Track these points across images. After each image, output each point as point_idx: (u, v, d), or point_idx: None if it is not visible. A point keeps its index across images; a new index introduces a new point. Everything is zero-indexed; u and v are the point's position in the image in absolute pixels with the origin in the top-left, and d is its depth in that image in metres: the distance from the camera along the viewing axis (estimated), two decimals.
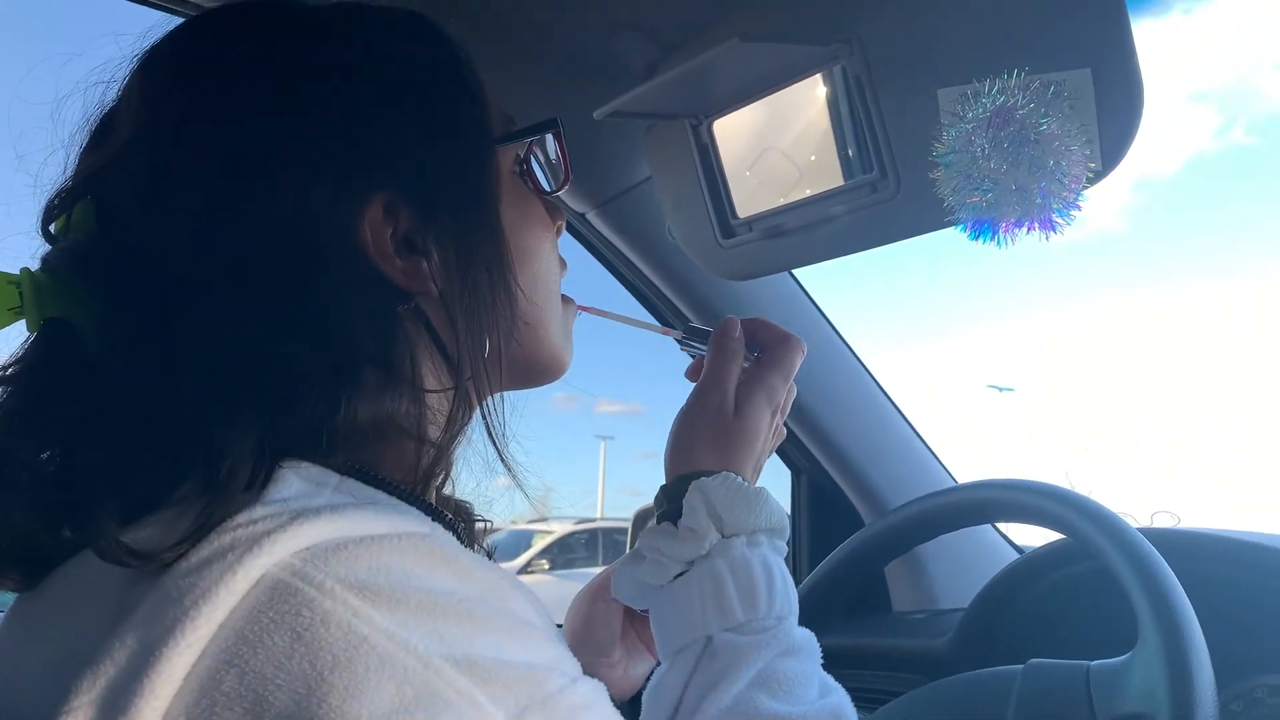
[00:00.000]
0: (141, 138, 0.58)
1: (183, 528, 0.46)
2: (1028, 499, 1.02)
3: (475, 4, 1.00)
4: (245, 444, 0.50)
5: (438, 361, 0.62)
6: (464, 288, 0.61)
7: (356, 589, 0.43)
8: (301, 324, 0.55)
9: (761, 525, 0.74)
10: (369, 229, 0.58)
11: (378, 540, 0.47)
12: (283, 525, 0.45)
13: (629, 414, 36.19)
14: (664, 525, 0.75)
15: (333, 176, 0.58)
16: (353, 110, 0.59)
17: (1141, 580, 0.85)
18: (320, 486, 0.51)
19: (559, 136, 0.73)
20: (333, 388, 0.54)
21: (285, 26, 0.62)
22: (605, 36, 1.06)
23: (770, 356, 0.83)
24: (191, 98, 0.59)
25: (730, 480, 0.75)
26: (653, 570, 0.75)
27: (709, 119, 1.08)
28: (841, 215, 1.00)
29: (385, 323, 0.59)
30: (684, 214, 1.18)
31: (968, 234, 0.81)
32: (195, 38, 0.63)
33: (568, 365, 0.75)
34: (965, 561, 1.61)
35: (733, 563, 0.72)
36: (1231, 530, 1.18)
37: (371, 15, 0.65)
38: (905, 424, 1.69)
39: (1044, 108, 0.75)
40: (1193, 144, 64.03)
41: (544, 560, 10.28)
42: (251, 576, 0.43)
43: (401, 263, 0.60)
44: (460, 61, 0.66)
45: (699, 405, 0.80)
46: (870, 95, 0.91)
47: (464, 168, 0.63)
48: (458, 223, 0.62)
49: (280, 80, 0.59)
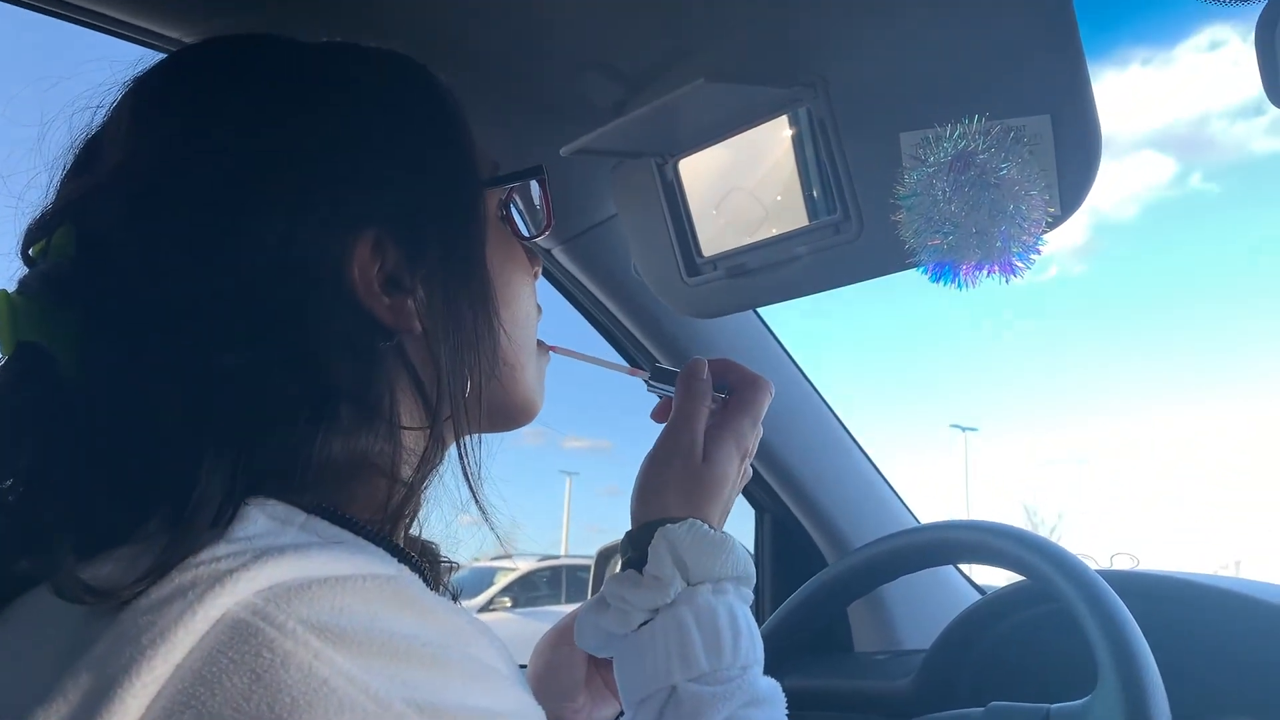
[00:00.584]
0: (127, 165, 0.58)
1: (144, 564, 0.45)
2: (989, 540, 1.03)
3: (443, 41, 1.01)
4: (215, 478, 0.49)
5: (415, 400, 0.62)
6: (449, 326, 0.61)
7: (318, 630, 0.43)
8: (281, 358, 0.55)
9: (728, 573, 0.74)
10: (357, 265, 0.58)
11: (342, 581, 0.46)
12: (245, 564, 0.44)
13: (596, 450, 36.09)
14: (629, 573, 0.74)
15: (323, 211, 0.57)
16: (344, 145, 0.59)
17: (1100, 622, 0.85)
18: (285, 525, 0.50)
19: (544, 183, 0.74)
20: (309, 424, 0.54)
21: (277, 60, 0.63)
22: (572, 75, 1.07)
23: (739, 399, 0.83)
24: (179, 127, 0.59)
25: (697, 528, 0.74)
26: (617, 619, 0.74)
27: (675, 158, 1.08)
28: (805, 255, 1.01)
29: (367, 360, 0.59)
30: (649, 251, 1.18)
31: (929, 276, 0.82)
32: (186, 68, 0.63)
33: (538, 410, 0.75)
34: (927, 602, 1.61)
35: (698, 611, 0.71)
36: (1189, 573, 1.19)
37: (363, 54, 0.66)
38: (868, 463, 1.70)
39: (1004, 153, 0.76)
40: (1152, 191, 66.01)
41: (506, 598, 10.18)
42: (211, 616, 0.42)
43: (388, 300, 0.59)
44: (449, 105, 0.66)
45: (667, 450, 0.79)
46: (834, 137, 0.92)
47: (452, 207, 0.63)
48: (445, 262, 0.62)
49: (272, 113, 0.59)
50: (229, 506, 0.49)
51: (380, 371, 0.59)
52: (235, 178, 0.57)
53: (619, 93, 1.08)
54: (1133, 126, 56.81)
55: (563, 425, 0.94)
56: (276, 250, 0.56)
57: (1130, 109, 58.70)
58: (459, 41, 1.02)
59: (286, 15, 0.92)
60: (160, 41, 0.98)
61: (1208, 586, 1.13)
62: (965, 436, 27.27)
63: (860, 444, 1.69)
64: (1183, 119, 57.87)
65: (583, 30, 1.00)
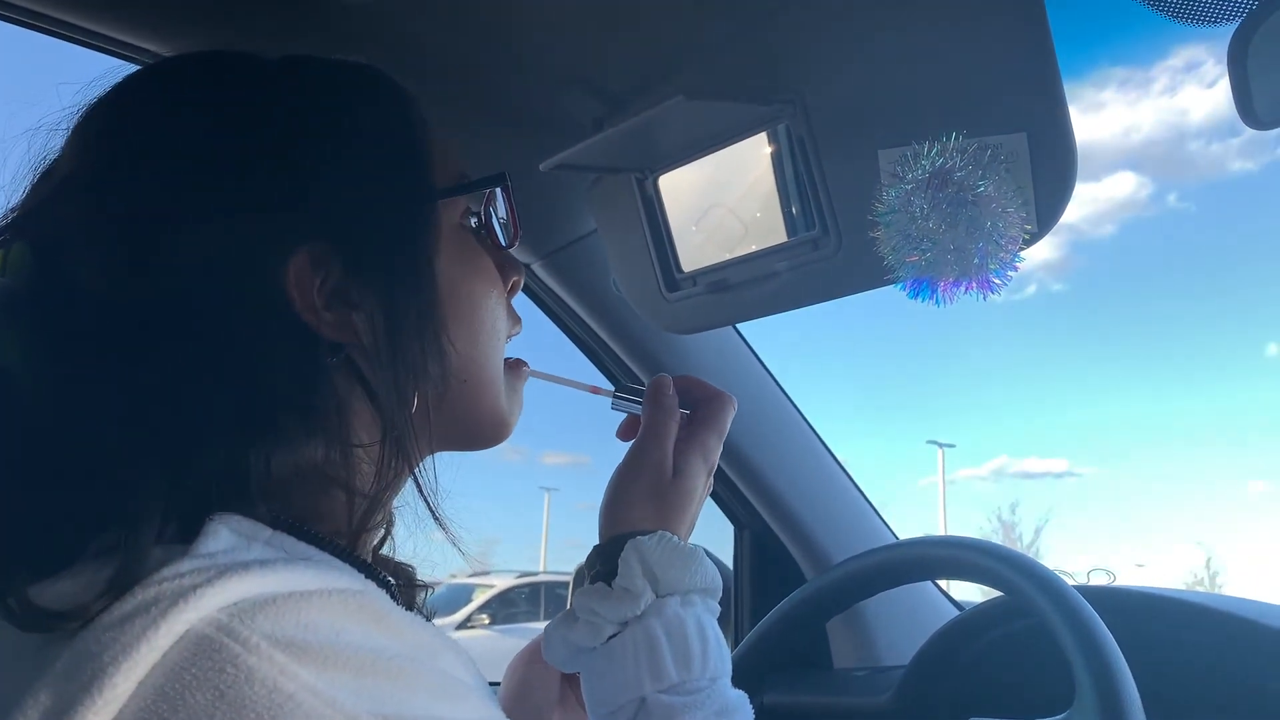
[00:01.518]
0: (75, 180, 0.58)
1: (98, 584, 0.44)
2: (967, 556, 1.03)
3: (423, 56, 1.01)
4: (151, 489, 0.49)
5: (371, 413, 0.61)
6: (390, 343, 0.60)
7: (283, 645, 0.42)
8: (217, 370, 0.54)
9: (696, 585, 0.74)
10: (293, 278, 0.57)
11: (307, 596, 0.46)
12: (209, 580, 0.44)
13: (574, 465, 35.99)
14: (598, 585, 0.74)
15: (256, 225, 0.57)
16: (283, 160, 0.59)
17: (1078, 638, 0.86)
18: (251, 540, 0.50)
19: (507, 191, 0.72)
20: (242, 434, 0.53)
21: (223, 77, 0.63)
22: (553, 90, 1.07)
23: (704, 414, 0.83)
24: (125, 142, 0.59)
25: (666, 539, 0.74)
26: (586, 632, 0.73)
27: (654, 174, 1.09)
28: (784, 271, 1.01)
29: (308, 372, 0.58)
30: (629, 267, 1.18)
31: (907, 292, 0.82)
32: (136, 88, 0.63)
33: (512, 428, 0.74)
34: (906, 618, 1.61)
35: (667, 623, 0.71)
36: (1166, 589, 1.19)
37: (315, 67, 0.65)
38: (847, 479, 1.70)
39: (981, 170, 0.77)
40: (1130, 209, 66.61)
41: (484, 615, 10.13)
42: (175, 632, 0.42)
43: (331, 315, 0.59)
44: (407, 114, 0.66)
45: (637, 464, 0.79)
46: (813, 154, 0.92)
47: (397, 221, 0.63)
48: (387, 276, 0.61)
49: (211, 127, 0.59)
50: (170, 521, 0.49)
51: (325, 384, 0.58)
52: (170, 189, 0.57)
53: (599, 109, 1.08)
54: (1110, 146, 57.38)
55: (542, 440, 0.93)
56: (213, 261, 0.56)
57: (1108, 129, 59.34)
58: (440, 56, 1.02)
59: (269, 28, 0.92)
60: (137, 54, 0.98)
61: (1184, 602, 1.13)
62: (942, 452, 27.39)
63: (839, 460, 1.69)
64: (1160, 139, 58.49)
65: (563, 46, 1.00)
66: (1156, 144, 57.82)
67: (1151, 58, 57.33)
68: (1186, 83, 57.28)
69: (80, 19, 0.94)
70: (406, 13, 0.93)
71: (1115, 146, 57.47)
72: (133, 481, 0.49)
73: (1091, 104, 62.00)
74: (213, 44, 0.63)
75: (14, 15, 0.92)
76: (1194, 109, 55.14)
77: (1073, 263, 56.75)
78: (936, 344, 60.70)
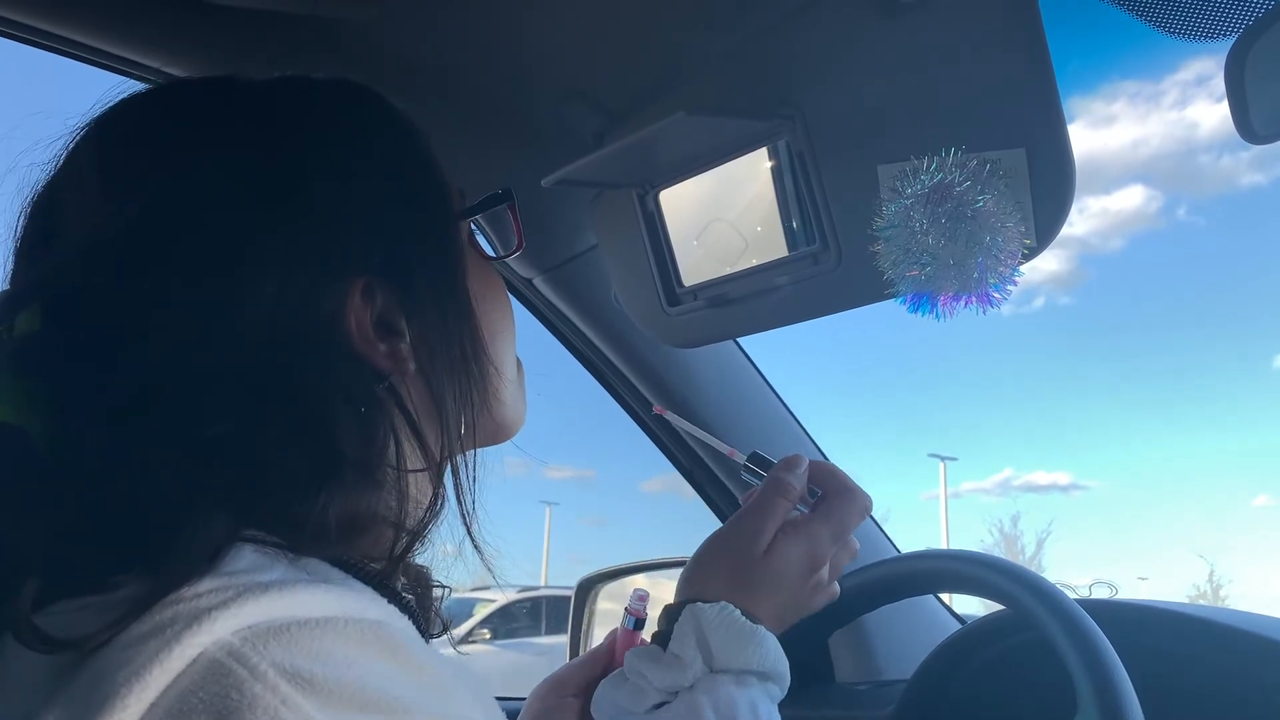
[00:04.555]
0: (97, 238, 0.55)
1: (121, 605, 0.44)
2: (968, 569, 1.03)
3: (424, 72, 1.01)
4: (206, 540, 0.47)
5: (413, 442, 0.60)
6: (448, 365, 0.60)
7: (290, 675, 0.42)
8: (281, 422, 0.53)
9: (754, 665, 0.69)
10: (353, 314, 0.56)
11: (323, 624, 0.45)
12: (227, 601, 0.44)
13: (580, 479, 35.96)
14: (652, 648, 0.71)
15: (310, 265, 0.56)
16: (319, 196, 0.58)
17: (1079, 652, 0.86)
18: (274, 560, 0.49)
19: (513, 208, 0.72)
20: (312, 489, 0.52)
21: (238, 111, 0.61)
22: (554, 105, 1.07)
23: (826, 507, 0.78)
24: (148, 190, 0.56)
25: (727, 611, 0.70)
26: (632, 695, 0.71)
27: (655, 188, 1.09)
28: (785, 286, 1.02)
29: (367, 409, 0.56)
30: (630, 281, 1.19)
31: (907, 307, 0.83)
32: (147, 121, 0.60)
33: (520, 425, 0.73)
34: (908, 631, 1.61)
35: (716, 702, 0.67)
36: (1168, 602, 1.19)
37: (321, 94, 0.64)
38: None
39: (980, 185, 0.77)
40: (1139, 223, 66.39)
41: (486, 629, 10.09)
42: (189, 654, 0.42)
43: (383, 345, 0.58)
44: (417, 136, 0.65)
45: (731, 531, 0.76)
46: (812, 169, 0.93)
47: (434, 244, 0.62)
48: (435, 299, 0.61)
49: (240, 169, 0.57)
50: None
51: (381, 419, 0.57)
52: (217, 239, 0.54)
53: (600, 124, 1.09)
54: (1120, 159, 57.32)
55: (545, 453, 0.93)
56: (269, 310, 0.54)
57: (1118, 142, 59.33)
58: (441, 73, 1.02)
59: (270, 45, 0.93)
60: (139, 71, 0.98)
61: (1186, 616, 1.13)
62: (944, 465, 27.36)
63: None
64: (1170, 152, 58.43)
65: (564, 62, 1.01)
66: (1166, 157, 57.83)
67: (1161, 71, 57.32)
68: (1196, 96, 57.32)
69: (84, 36, 0.94)
70: (408, 30, 0.94)
71: (1125, 160, 57.50)
72: (183, 533, 0.47)
73: (1101, 118, 62.05)
74: (215, 60, 0.62)
75: (12, 31, 0.92)
76: (1204, 122, 55.15)
77: (1081, 276, 56.75)
78: (942, 356, 60.69)
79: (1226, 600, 23.32)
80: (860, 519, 0.79)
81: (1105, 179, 55.97)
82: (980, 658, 1.24)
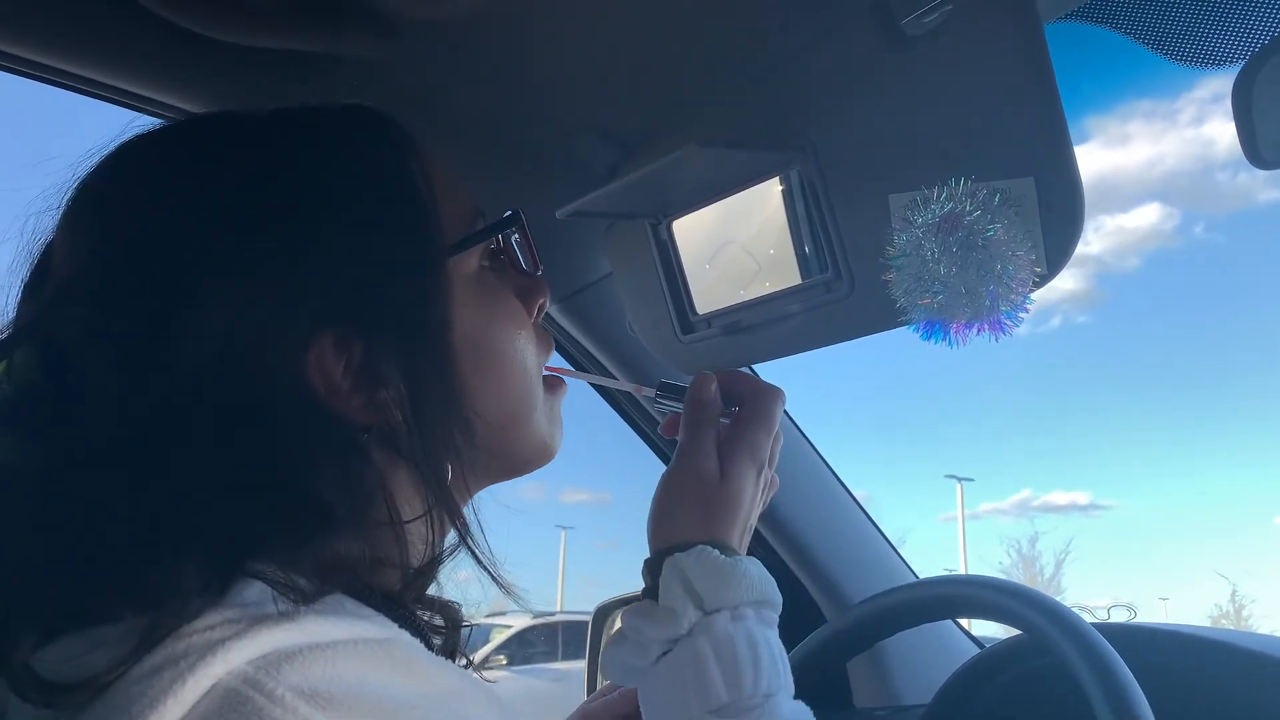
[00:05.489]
0: (79, 279, 0.56)
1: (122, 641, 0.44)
2: (986, 595, 1.03)
3: (440, 107, 1.03)
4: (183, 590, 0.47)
5: (414, 482, 0.60)
6: (419, 420, 0.59)
7: (308, 697, 0.43)
8: (246, 471, 0.53)
9: (745, 598, 0.71)
10: (314, 367, 0.56)
11: (333, 646, 0.46)
12: (239, 632, 0.44)
13: (596, 503, 35.88)
14: (645, 603, 0.73)
15: (271, 314, 0.55)
16: (290, 242, 0.57)
17: (1098, 676, 0.85)
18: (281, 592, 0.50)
19: (523, 229, 0.71)
20: (294, 532, 0.52)
21: (214, 150, 0.61)
22: (568, 139, 1.09)
23: (750, 410, 0.80)
24: (121, 233, 0.57)
25: (706, 554, 0.71)
26: (634, 651, 0.72)
27: (668, 218, 1.10)
28: (798, 313, 1.02)
29: (346, 462, 0.56)
30: (644, 309, 1.20)
31: (920, 334, 0.83)
32: (125, 168, 0.61)
33: (556, 450, 0.73)
34: (926, 656, 1.60)
35: (715, 641, 0.69)
36: (1187, 626, 1.19)
37: (309, 126, 0.63)
38: (864, 517, 1.70)
39: (990, 214, 0.78)
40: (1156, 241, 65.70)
41: (502, 655, 10.06)
42: (202, 685, 0.42)
43: (359, 397, 0.57)
44: (407, 168, 0.63)
45: (680, 471, 0.77)
46: (824, 198, 0.94)
47: (410, 293, 0.61)
48: (408, 353, 0.59)
49: (209, 211, 0.57)
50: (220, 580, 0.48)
51: (365, 469, 0.57)
52: (174, 285, 0.54)
53: (614, 156, 1.10)
54: (1136, 178, 56.99)
55: (562, 477, 0.92)
56: (231, 357, 0.54)
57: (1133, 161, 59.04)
58: (457, 107, 1.04)
59: (284, 80, 0.94)
60: (163, 110, 1.00)
61: (1206, 640, 1.13)
62: (961, 486, 27.18)
63: (856, 497, 1.69)
64: (1186, 170, 58.07)
65: (578, 96, 1.02)
66: (1183, 175, 57.57)
67: (1177, 90, 57.15)
68: (1213, 114, 57.09)
69: (90, 71, 0.95)
70: (424, 68, 0.96)
71: (1141, 178, 57.28)
72: (173, 572, 0.47)
73: (1117, 137, 61.85)
74: (231, 97, 0.62)
75: (22, 68, 0.93)
76: (1220, 139, 54.94)
77: (1098, 295, 56.46)
78: (959, 377, 60.39)
79: (1250, 620, 23.02)
80: (781, 406, 0.81)
81: (1121, 197, 55.79)
82: (998, 682, 1.24)
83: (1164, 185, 57.13)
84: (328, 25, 0.86)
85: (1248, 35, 0.82)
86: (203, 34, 0.84)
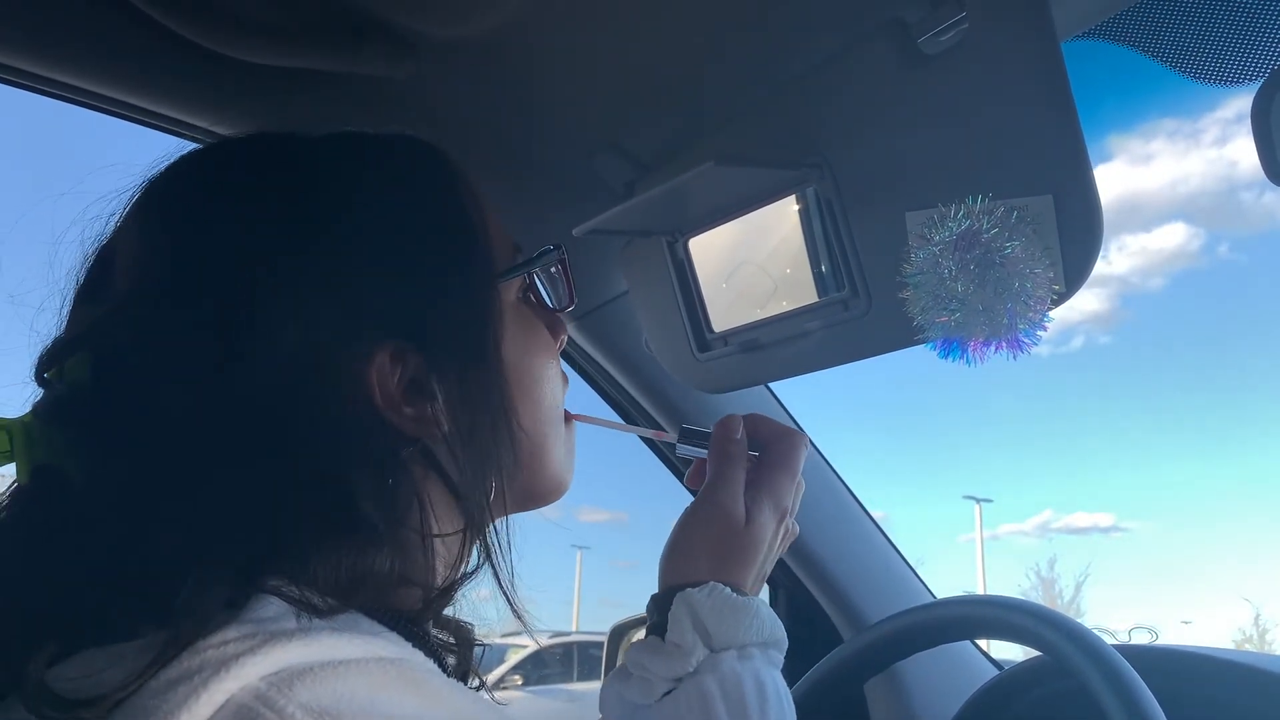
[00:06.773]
0: (138, 289, 0.58)
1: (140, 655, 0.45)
2: (1005, 616, 1.02)
3: (458, 126, 1.04)
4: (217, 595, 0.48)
5: (448, 501, 0.60)
6: (469, 435, 0.60)
7: (318, 715, 0.43)
8: (299, 477, 0.53)
9: (753, 639, 0.71)
10: (376, 377, 0.57)
11: (346, 665, 0.46)
12: (253, 648, 0.44)
13: (613, 523, 35.81)
14: (651, 639, 0.72)
15: (335, 324, 0.57)
16: (358, 261, 0.59)
17: (1119, 699, 0.84)
18: (298, 609, 0.50)
19: (564, 262, 0.73)
20: (325, 546, 0.52)
21: (281, 168, 0.62)
22: (585, 157, 1.09)
23: (774, 456, 0.80)
24: (187, 244, 0.58)
25: (718, 591, 0.71)
26: (640, 688, 0.72)
27: (685, 236, 1.10)
28: (815, 331, 1.02)
29: (389, 474, 0.57)
30: (660, 327, 1.20)
31: (938, 352, 0.83)
32: (189, 181, 0.62)
33: (568, 485, 0.73)
34: (944, 678, 1.59)
35: (722, 680, 0.68)
36: (1210, 648, 1.17)
37: (370, 151, 0.65)
38: (882, 537, 1.69)
39: (1008, 232, 0.77)
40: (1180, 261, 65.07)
41: (518, 675, 10.02)
42: (216, 701, 0.42)
43: (411, 410, 0.59)
44: (460, 193, 0.65)
45: (705, 512, 0.76)
46: (840, 216, 0.94)
47: (467, 311, 0.63)
48: (462, 368, 0.61)
49: (279, 226, 0.59)
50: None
51: (407, 481, 0.58)
52: (244, 292, 0.56)
53: (630, 173, 1.10)
54: (1160, 198, 56.70)
55: (578, 496, 0.93)
56: (289, 367, 0.55)
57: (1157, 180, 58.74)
58: (474, 126, 1.04)
59: (309, 103, 0.95)
60: (189, 130, 1.01)
61: (1229, 662, 1.11)
62: (979, 507, 26.97)
63: (874, 517, 1.68)
64: (1210, 190, 57.74)
65: (595, 114, 1.03)
66: (1207, 195, 57.32)
67: (1200, 109, 56.99)
68: (1237, 133, 56.86)
69: (131, 96, 0.97)
70: (443, 87, 0.96)
71: (1165, 198, 57.04)
72: (199, 589, 0.48)
73: (1140, 156, 61.63)
74: (258, 118, 0.63)
75: (56, 90, 0.95)
76: (1245, 159, 54.66)
77: (1121, 315, 56.19)
78: (980, 397, 60.09)
79: (1274, 644, 22.72)
80: (804, 453, 0.81)
81: (1145, 217, 55.56)
82: (1018, 705, 1.22)
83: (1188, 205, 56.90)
84: (349, 45, 0.87)
85: (1268, 52, 0.81)
86: (225, 54, 0.85)
